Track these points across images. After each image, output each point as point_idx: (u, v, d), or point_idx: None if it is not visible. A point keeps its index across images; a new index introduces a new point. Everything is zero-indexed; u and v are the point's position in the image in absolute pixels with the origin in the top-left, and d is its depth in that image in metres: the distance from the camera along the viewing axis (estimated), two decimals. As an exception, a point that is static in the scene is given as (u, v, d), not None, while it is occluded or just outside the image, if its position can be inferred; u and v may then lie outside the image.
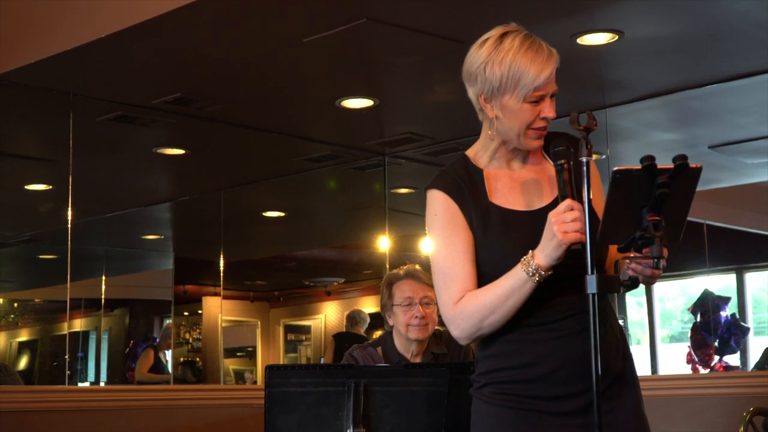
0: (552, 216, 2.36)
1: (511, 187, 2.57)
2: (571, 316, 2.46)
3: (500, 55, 2.49)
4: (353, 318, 9.83)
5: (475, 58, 2.55)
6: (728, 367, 9.31)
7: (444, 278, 2.53)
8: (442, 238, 2.54)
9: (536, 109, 2.48)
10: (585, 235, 2.32)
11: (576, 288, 2.39)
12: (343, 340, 9.36)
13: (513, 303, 2.42)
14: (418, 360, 4.12)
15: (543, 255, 2.37)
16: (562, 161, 2.42)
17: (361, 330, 9.71)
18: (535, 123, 2.49)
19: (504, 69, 2.47)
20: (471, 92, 2.58)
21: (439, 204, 2.56)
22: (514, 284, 2.40)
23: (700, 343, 9.32)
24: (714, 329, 9.23)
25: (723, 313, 9.37)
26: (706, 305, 9.40)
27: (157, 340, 10.41)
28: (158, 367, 10.12)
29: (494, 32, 2.57)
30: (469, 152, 2.64)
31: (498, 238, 2.50)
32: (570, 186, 2.39)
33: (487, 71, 2.50)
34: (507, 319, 2.45)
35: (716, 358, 9.20)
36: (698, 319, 9.37)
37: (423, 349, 4.15)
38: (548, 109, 2.48)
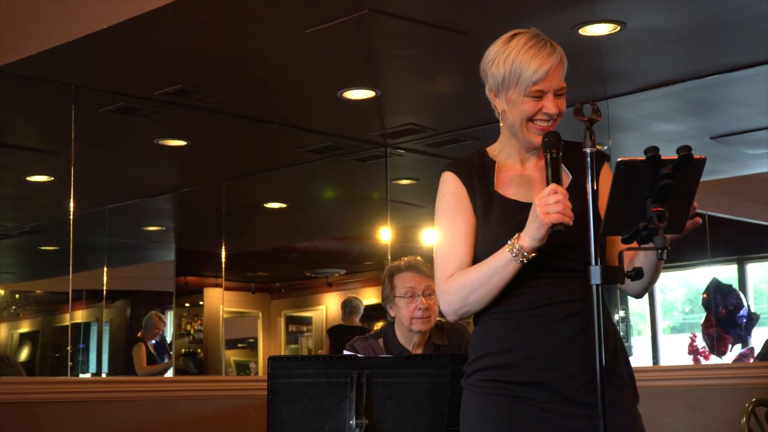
0: (536, 199, 2.43)
1: (519, 181, 2.66)
2: (554, 303, 2.53)
3: (506, 52, 2.58)
4: (346, 307, 9.69)
5: (486, 56, 2.65)
6: (745, 357, 9.30)
7: (442, 255, 2.64)
8: (446, 218, 2.66)
9: (538, 104, 2.56)
10: (567, 217, 2.38)
11: (564, 278, 2.50)
12: (337, 333, 9.32)
13: (496, 282, 2.50)
14: (419, 351, 4.13)
15: (527, 236, 2.45)
16: (553, 151, 2.48)
17: (356, 320, 9.61)
18: (537, 117, 2.58)
19: (507, 65, 2.57)
20: (486, 89, 2.68)
21: (449, 185, 2.67)
22: (498, 263, 2.49)
23: (717, 335, 9.29)
24: (737, 324, 9.20)
25: (745, 304, 9.34)
26: (721, 295, 9.36)
27: (143, 330, 10.28)
28: (151, 358, 10.08)
29: (507, 34, 2.65)
30: (489, 148, 2.75)
31: (495, 225, 2.59)
32: (558, 174, 2.46)
33: (494, 68, 2.60)
34: (491, 297, 2.54)
35: (730, 347, 9.19)
36: (720, 312, 9.33)
37: (425, 340, 4.15)
38: (550, 105, 2.56)
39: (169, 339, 11.97)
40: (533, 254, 2.45)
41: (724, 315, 9.28)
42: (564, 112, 2.59)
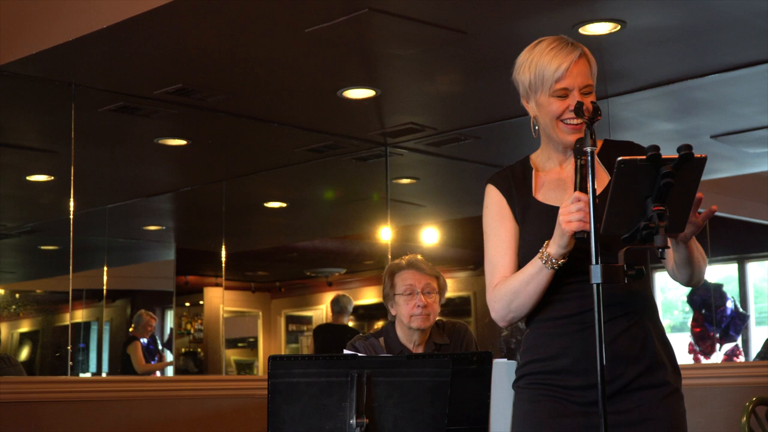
0: (560, 207, 2.49)
1: (556, 186, 2.72)
2: (592, 309, 2.49)
3: (530, 58, 2.66)
4: (335, 306, 9.55)
5: (515, 65, 2.72)
6: (732, 354, 9.32)
7: (489, 265, 2.74)
8: (490, 228, 2.76)
9: (564, 103, 2.61)
10: (588, 224, 2.40)
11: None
12: (324, 332, 9.29)
13: (533, 289, 2.58)
14: (420, 350, 4.13)
15: (553, 244, 2.52)
16: (582, 158, 2.49)
17: (344, 319, 9.52)
18: (565, 116, 2.62)
19: (532, 69, 2.64)
20: (520, 98, 2.75)
21: (490, 197, 2.78)
22: (532, 271, 2.57)
23: (702, 335, 9.33)
24: (718, 321, 9.24)
25: (728, 304, 9.38)
26: (707, 294, 9.41)
27: (135, 329, 10.25)
28: (146, 357, 10.05)
29: (534, 42, 2.72)
30: (532, 155, 2.81)
31: (532, 231, 2.66)
32: (587, 181, 2.46)
33: (521, 74, 2.69)
34: (531, 303, 2.61)
35: (717, 346, 9.22)
36: (704, 311, 9.37)
37: (425, 339, 4.16)
38: (575, 102, 2.58)
39: (166, 338, 11.99)
40: (563, 260, 2.51)
41: (706, 314, 9.32)
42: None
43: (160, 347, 10.38)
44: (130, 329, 10.01)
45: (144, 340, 9.83)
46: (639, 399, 2.56)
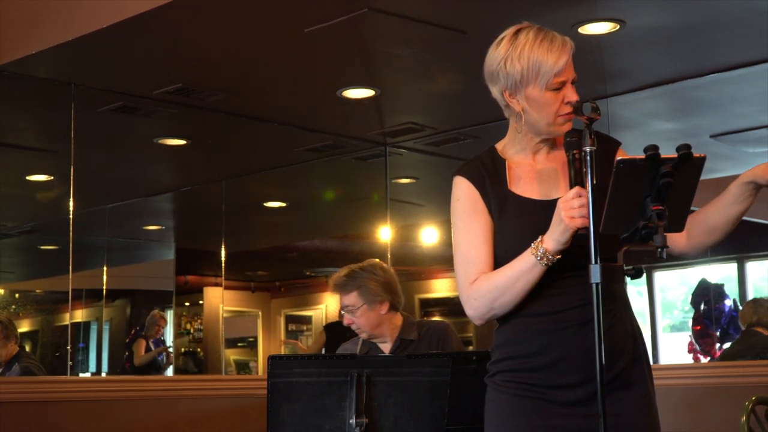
0: (561, 202, 2.43)
1: (531, 177, 2.65)
2: (577, 307, 2.53)
3: (518, 50, 2.57)
4: None
5: (494, 57, 2.63)
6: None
7: (462, 260, 2.64)
8: (462, 223, 2.65)
9: (559, 96, 2.56)
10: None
11: (585, 279, 2.43)
12: (335, 330, 9.30)
13: (522, 285, 2.51)
14: (387, 346, 4.17)
15: (551, 239, 2.45)
16: (575, 152, 2.47)
17: None
18: (561, 109, 2.57)
19: (523, 62, 2.55)
20: (495, 91, 2.66)
21: (461, 190, 2.67)
22: (523, 267, 2.49)
23: (702, 333, 9.34)
24: (717, 319, 9.25)
25: (727, 302, 9.39)
26: (708, 294, 9.42)
27: (145, 328, 10.28)
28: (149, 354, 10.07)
29: (508, 31, 2.65)
30: (498, 145, 2.74)
31: (511, 225, 2.59)
32: (581, 175, 2.44)
33: (508, 67, 2.58)
34: (517, 301, 2.54)
35: (717, 346, 9.24)
36: (702, 308, 9.38)
37: (393, 335, 4.19)
38: (571, 94, 2.56)
39: (169, 338, 12.00)
40: (558, 256, 2.46)
41: (705, 313, 9.33)
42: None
43: (154, 346, 10.38)
44: (133, 331, 10.02)
45: (153, 340, 9.86)
46: (618, 400, 2.52)
